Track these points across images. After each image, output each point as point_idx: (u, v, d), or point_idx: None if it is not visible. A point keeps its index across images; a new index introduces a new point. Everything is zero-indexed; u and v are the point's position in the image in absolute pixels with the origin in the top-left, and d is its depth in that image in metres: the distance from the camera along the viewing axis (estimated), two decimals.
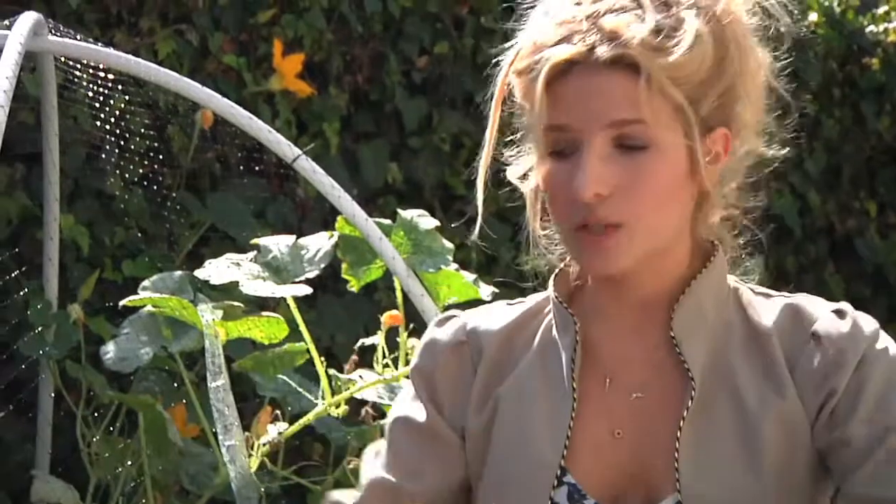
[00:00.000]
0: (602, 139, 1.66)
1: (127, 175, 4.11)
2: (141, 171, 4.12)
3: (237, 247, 3.98)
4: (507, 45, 1.74)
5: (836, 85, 6.46)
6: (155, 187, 4.17)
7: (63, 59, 3.46)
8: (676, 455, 1.69)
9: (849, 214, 5.72)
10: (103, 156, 4.09)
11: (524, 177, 1.83)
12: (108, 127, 3.90)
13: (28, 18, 3.05)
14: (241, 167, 4.33)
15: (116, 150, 4.07)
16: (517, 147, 1.81)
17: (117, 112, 3.97)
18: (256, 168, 4.33)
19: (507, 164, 1.84)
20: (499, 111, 1.79)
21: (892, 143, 6.32)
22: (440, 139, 4.73)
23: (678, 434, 1.69)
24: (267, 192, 4.38)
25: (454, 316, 1.91)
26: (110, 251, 4.13)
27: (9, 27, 3.09)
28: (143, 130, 4.09)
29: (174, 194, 4.22)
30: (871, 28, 6.17)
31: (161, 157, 4.09)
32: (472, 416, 1.83)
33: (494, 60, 1.75)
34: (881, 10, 6.12)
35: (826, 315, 1.76)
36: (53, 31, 3.25)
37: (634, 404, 1.74)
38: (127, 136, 4.03)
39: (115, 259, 4.13)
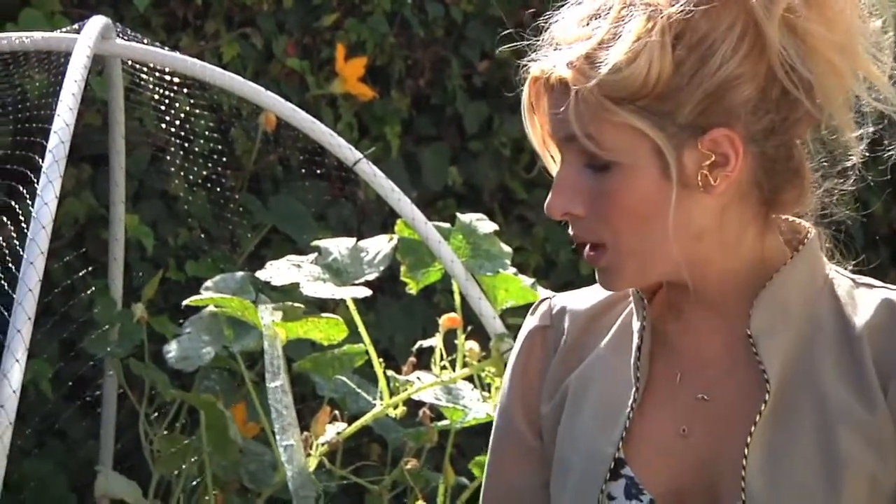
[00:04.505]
0: (571, 156, 1.65)
1: (190, 177, 4.17)
2: (204, 173, 4.16)
3: (298, 249, 4.03)
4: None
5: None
6: (218, 189, 4.21)
7: (130, 62, 3.50)
8: (744, 462, 1.64)
9: (880, 224, 5.60)
10: (167, 157, 4.15)
11: None
12: (172, 129, 3.96)
13: (97, 22, 3.09)
14: (303, 170, 4.35)
15: (180, 152, 4.12)
16: None
17: (182, 115, 4.02)
18: (317, 171, 4.35)
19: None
20: (532, 117, 1.74)
21: None
22: (500, 143, 4.72)
23: (748, 440, 1.65)
24: (328, 195, 4.38)
25: (547, 299, 1.88)
26: (173, 251, 4.20)
27: (78, 31, 3.14)
28: (206, 133, 4.13)
29: (237, 196, 4.26)
30: None
31: (224, 159, 4.13)
32: (544, 402, 1.82)
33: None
34: None
35: (848, 294, 1.68)
36: (121, 35, 3.31)
37: (703, 404, 1.70)
38: (191, 138, 4.09)
39: (178, 259, 4.19)
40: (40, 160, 3.06)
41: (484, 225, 3.31)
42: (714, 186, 1.60)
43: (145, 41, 3.43)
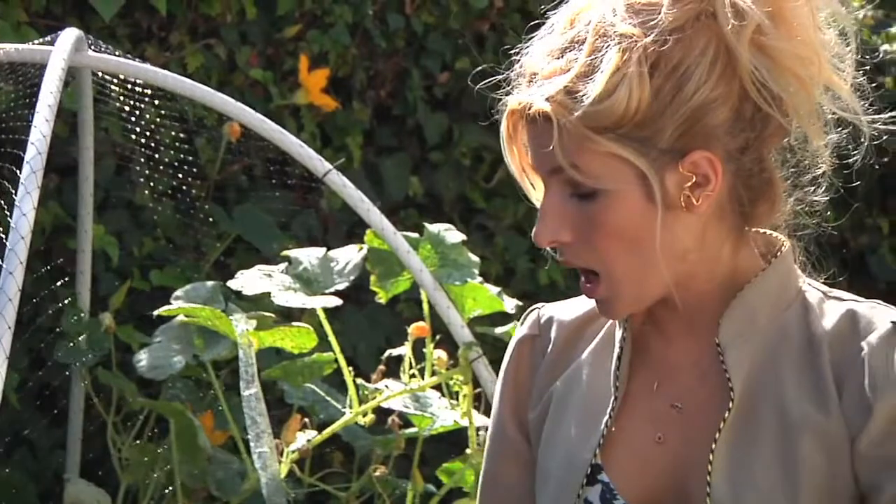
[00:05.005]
0: (556, 186, 1.66)
1: (159, 186, 4.15)
2: (173, 182, 4.14)
3: (262, 258, 4.02)
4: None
5: None
6: (183, 199, 4.19)
7: (100, 73, 3.47)
8: (710, 468, 1.66)
9: (861, 231, 5.63)
10: (134, 167, 4.12)
11: None
12: (138, 139, 3.92)
13: (70, 35, 3.08)
14: (270, 180, 4.34)
15: (147, 162, 4.10)
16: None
17: (148, 125, 3.99)
18: (282, 181, 4.34)
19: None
20: (511, 147, 1.76)
21: None
22: (461, 153, 4.72)
23: (713, 446, 1.67)
24: (292, 205, 4.37)
25: (536, 309, 1.90)
26: (138, 261, 4.17)
27: (51, 43, 3.12)
28: (172, 143, 4.09)
29: (203, 206, 4.24)
30: (886, 47, 5.98)
31: (189, 169, 4.11)
32: (531, 409, 1.84)
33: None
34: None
35: (887, 325, 1.67)
36: (92, 47, 3.29)
37: (677, 412, 1.72)
38: (157, 148, 4.06)
39: (144, 269, 4.17)
40: (13, 170, 3.04)
41: (452, 235, 3.31)
42: (696, 206, 1.62)
43: (116, 53, 3.40)
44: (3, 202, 3.26)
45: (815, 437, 1.64)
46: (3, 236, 2.88)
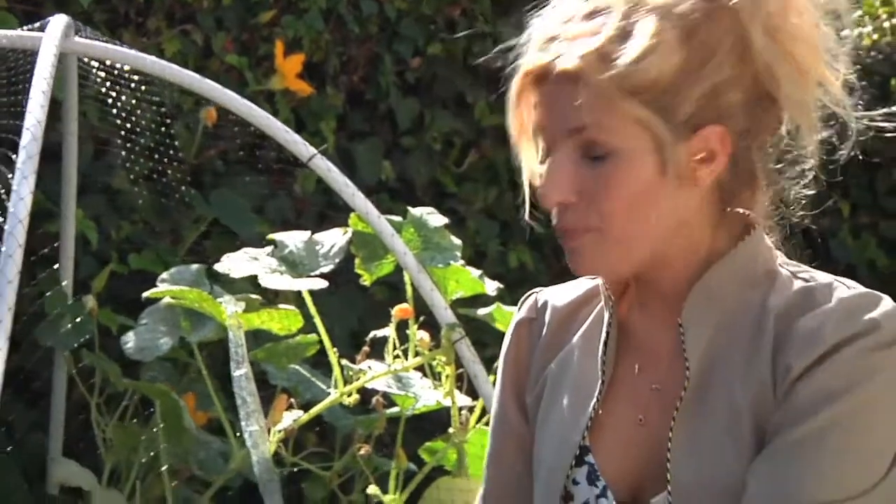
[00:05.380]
0: (568, 147, 1.66)
1: (136, 169, 4.11)
2: (150, 165, 4.11)
3: (238, 241, 4.00)
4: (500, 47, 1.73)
5: None
6: (160, 183, 4.17)
7: (86, 59, 3.44)
8: (669, 446, 1.68)
9: (822, 214, 5.61)
10: (112, 152, 4.10)
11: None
12: (117, 123, 3.90)
13: (60, 21, 3.05)
14: (246, 164, 4.34)
15: (125, 147, 4.08)
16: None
17: (126, 109, 3.95)
18: (258, 166, 4.33)
19: (501, 166, 1.87)
20: (518, 111, 1.76)
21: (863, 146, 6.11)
22: (432, 138, 4.73)
23: (672, 425, 1.68)
24: (266, 189, 4.37)
25: (533, 293, 1.91)
26: (116, 245, 4.15)
27: (39, 29, 3.09)
28: (150, 127, 4.06)
29: (180, 189, 4.22)
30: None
31: (167, 153, 4.09)
32: (528, 392, 1.86)
33: (483, 61, 1.75)
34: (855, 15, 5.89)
35: (832, 301, 1.64)
36: (79, 33, 3.25)
37: (657, 393, 1.73)
38: (135, 132, 4.03)
39: (121, 252, 4.15)
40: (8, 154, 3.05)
41: (434, 218, 3.34)
42: (701, 180, 1.64)
43: (103, 39, 3.37)
44: None
45: (754, 416, 1.65)
46: (2, 219, 2.90)
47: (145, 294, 3.28)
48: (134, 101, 3.91)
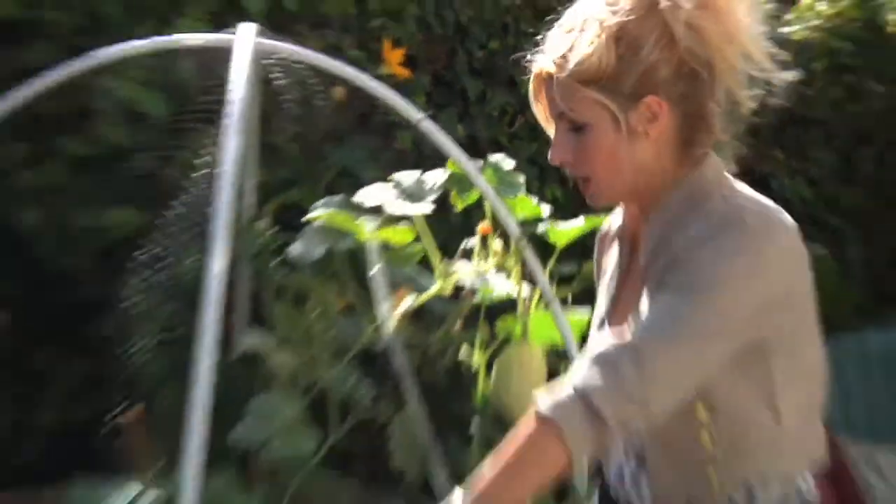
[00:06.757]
0: (561, 125, 1.68)
1: (286, 131, 3.87)
2: (297, 131, 3.92)
3: (359, 182, 3.71)
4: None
5: None
6: (306, 142, 4.02)
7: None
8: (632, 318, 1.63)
9: (762, 160, 5.33)
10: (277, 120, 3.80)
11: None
12: (276, 99, 3.55)
13: (249, 26, 2.88)
14: (365, 126, 4.20)
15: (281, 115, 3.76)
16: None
17: (279, 90, 3.58)
18: (369, 128, 4.21)
19: (539, 128, 1.87)
20: (537, 103, 1.76)
21: (793, 108, 5.81)
22: (492, 108, 4.61)
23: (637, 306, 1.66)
24: (378, 146, 4.26)
25: (607, 219, 1.95)
26: (275, 187, 3.91)
27: (234, 33, 2.88)
28: (299, 100, 3.71)
29: (318, 147, 4.10)
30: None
31: (310, 119, 3.86)
32: (597, 280, 1.91)
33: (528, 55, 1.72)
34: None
35: (732, 217, 1.60)
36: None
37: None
38: (285, 104, 3.72)
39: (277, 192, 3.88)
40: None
41: (506, 163, 3.29)
42: (649, 135, 1.64)
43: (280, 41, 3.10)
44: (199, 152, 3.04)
45: (662, 277, 1.63)
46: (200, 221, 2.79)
47: (305, 217, 3.15)
48: (288, 83, 3.63)
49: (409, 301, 3.17)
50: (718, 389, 1.60)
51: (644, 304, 1.62)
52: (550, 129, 1.74)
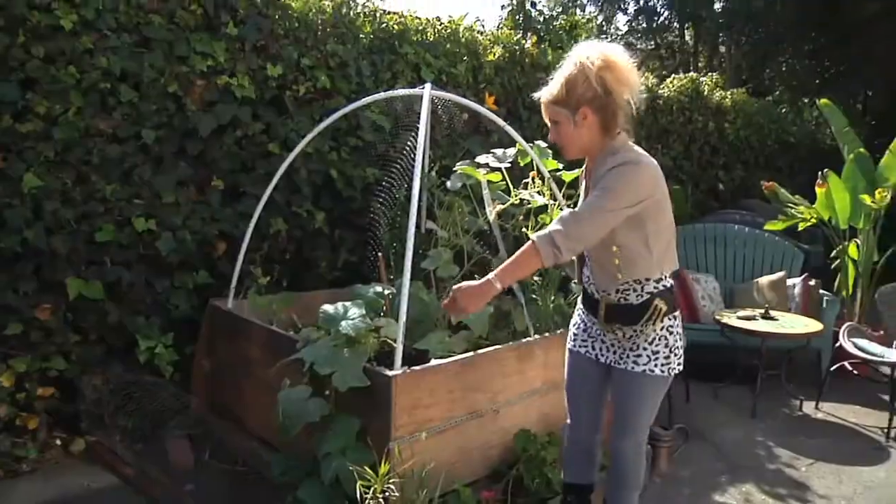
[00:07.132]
0: (552, 125, 2.25)
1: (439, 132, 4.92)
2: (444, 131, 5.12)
3: (474, 155, 4.83)
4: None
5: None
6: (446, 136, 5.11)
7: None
8: None
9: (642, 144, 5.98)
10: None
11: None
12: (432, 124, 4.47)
13: (428, 85, 3.78)
14: (472, 129, 5.38)
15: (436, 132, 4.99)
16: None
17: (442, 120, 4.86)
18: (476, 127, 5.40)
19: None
20: (544, 115, 2.30)
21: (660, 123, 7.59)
22: (532, 124, 5.94)
23: None
24: (472, 136, 5.42)
25: (586, 162, 2.41)
26: (438, 158, 5.12)
27: (421, 88, 3.72)
28: (441, 121, 5.05)
29: (451, 138, 5.12)
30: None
31: (448, 128, 5.23)
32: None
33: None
34: None
35: (621, 158, 2.01)
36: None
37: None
38: (443, 121, 4.96)
39: (439, 160, 5.09)
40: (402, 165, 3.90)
41: (541, 143, 4.29)
42: (587, 127, 2.27)
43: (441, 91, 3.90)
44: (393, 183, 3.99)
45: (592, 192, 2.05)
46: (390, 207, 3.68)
47: (453, 169, 4.11)
48: (444, 111, 4.72)
49: (499, 206, 4.08)
50: (620, 236, 2.21)
51: (589, 198, 2.29)
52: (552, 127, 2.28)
